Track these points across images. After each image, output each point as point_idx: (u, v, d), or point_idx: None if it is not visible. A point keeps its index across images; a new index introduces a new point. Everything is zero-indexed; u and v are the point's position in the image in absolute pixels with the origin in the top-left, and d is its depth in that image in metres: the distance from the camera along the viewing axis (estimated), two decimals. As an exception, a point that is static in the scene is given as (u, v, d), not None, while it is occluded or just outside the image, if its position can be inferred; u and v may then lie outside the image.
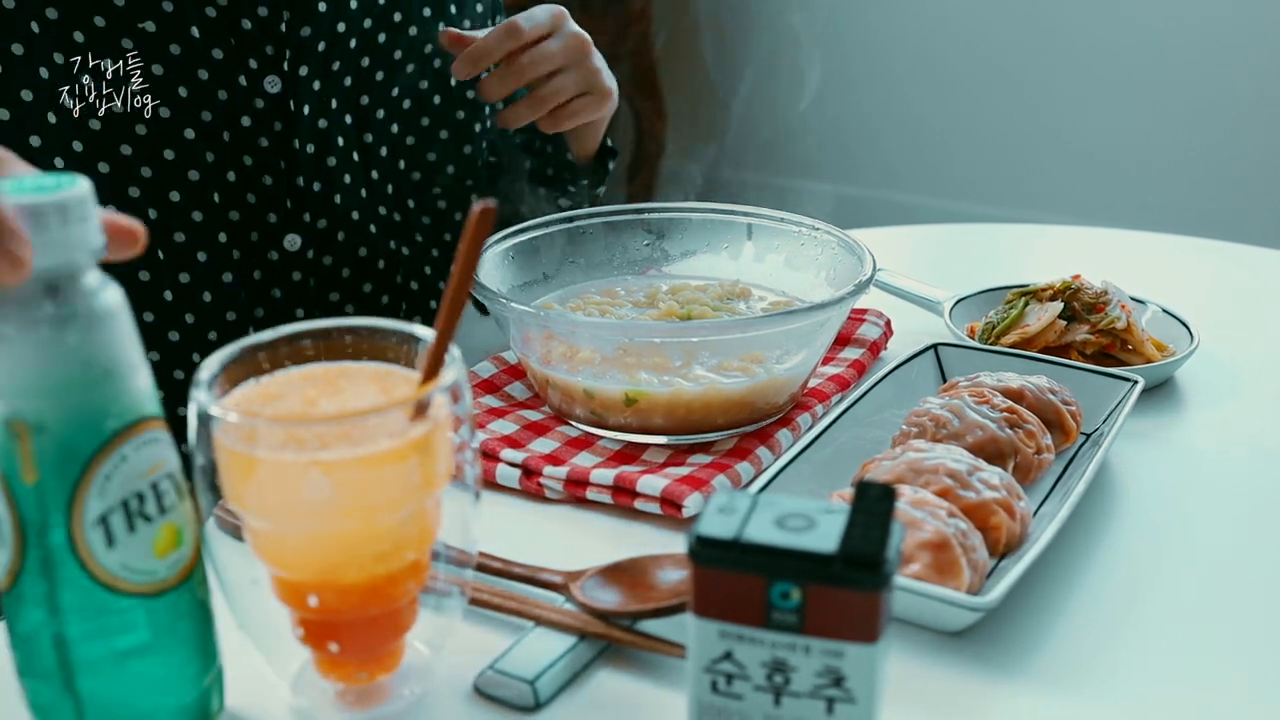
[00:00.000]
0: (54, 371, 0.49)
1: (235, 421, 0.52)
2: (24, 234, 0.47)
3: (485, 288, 0.81)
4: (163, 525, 0.52)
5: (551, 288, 0.95)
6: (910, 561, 0.63)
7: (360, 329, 0.58)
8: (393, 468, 0.53)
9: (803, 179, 3.19)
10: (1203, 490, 0.79)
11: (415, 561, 0.57)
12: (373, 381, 0.57)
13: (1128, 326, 0.92)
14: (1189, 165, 2.81)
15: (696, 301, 0.90)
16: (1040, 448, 0.76)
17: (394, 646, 0.59)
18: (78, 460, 0.50)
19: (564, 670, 0.60)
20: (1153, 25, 2.78)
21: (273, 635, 0.58)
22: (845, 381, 0.89)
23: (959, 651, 0.63)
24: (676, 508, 0.73)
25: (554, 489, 0.77)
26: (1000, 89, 2.98)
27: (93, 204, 0.50)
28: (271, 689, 0.60)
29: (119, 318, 0.51)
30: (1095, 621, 0.66)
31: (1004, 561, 0.68)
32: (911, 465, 0.70)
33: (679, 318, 0.88)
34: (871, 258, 0.86)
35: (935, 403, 0.77)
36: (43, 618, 0.51)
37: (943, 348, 0.88)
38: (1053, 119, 2.92)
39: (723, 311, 0.89)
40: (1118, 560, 0.71)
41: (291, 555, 0.55)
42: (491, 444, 0.79)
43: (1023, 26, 2.93)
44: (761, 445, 0.80)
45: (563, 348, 0.82)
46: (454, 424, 0.56)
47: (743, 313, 0.90)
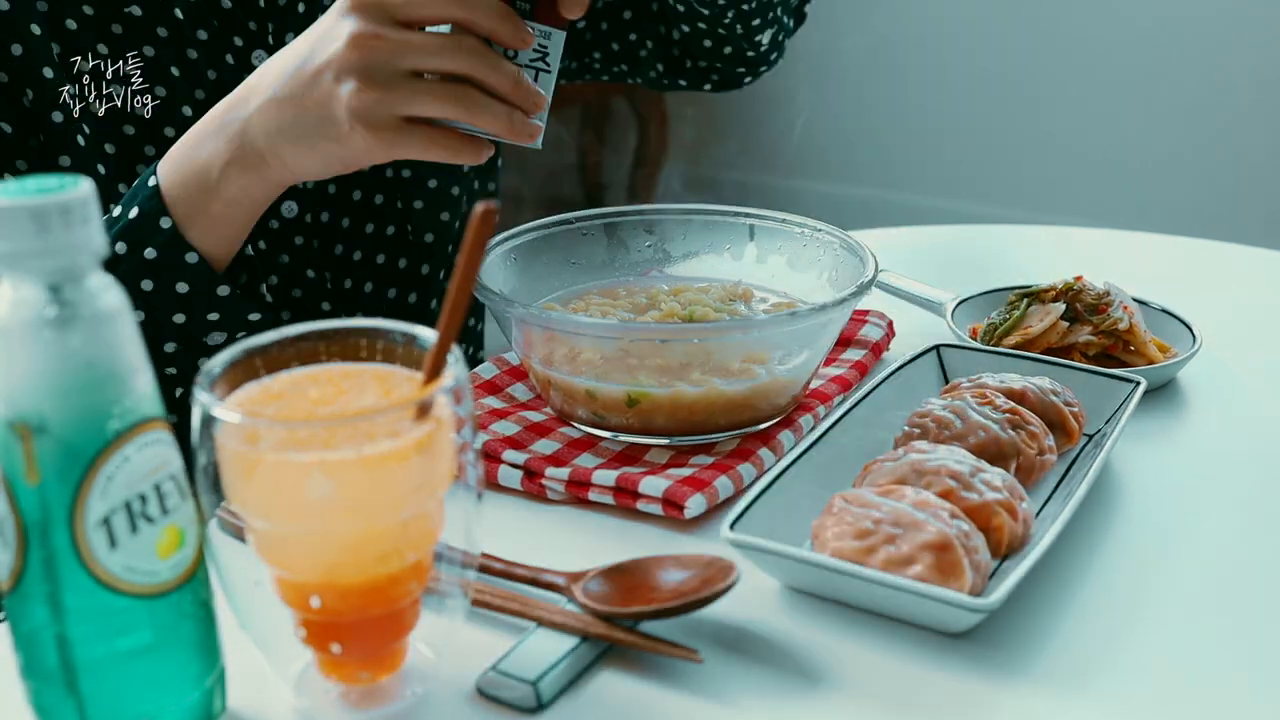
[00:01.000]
0: (57, 373, 0.49)
1: (238, 422, 0.52)
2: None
3: (487, 289, 0.81)
4: (165, 526, 0.53)
5: (553, 288, 0.95)
6: (912, 562, 0.63)
7: (362, 329, 0.58)
8: (395, 469, 0.53)
9: (805, 180, 3.19)
10: (1205, 491, 0.79)
11: (417, 562, 0.57)
12: (375, 382, 0.57)
13: (1130, 328, 0.92)
14: (1190, 165, 2.81)
15: (698, 303, 0.90)
16: (1043, 449, 0.76)
17: (396, 647, 0.59)
18: (80, 461, 0.50)
19: (566, 671, 0.60)
20: (1153, 25, 2.78)
21: (275, 636, 0.58)
22: (847, 383, 0.89)
23: (961, 653, 0.63)
24: (678, 509, 0.73)
25: (556, 490, 0.77)
26: (1002, 89, 2.98)
27: (95, 205, 0.50)
28: (273, 690, 0.60)
29: (122, 319, 0.51)
30: (1098, 623, 0.66)
31: (1006, 563, 0.68)
32: (914, 466, 0.70)
33: (681, 319, 0.88)
34: (874, 259, 0.86)
35: (937, 404, 0.77)
36: (45, 618, 0.51)
37: (945, 349, 0.88)
38: (1055, 119, 2.92)
39: (724, 313, 0.89)
40: (1120, 562, 0.71)
41: (294, 556, 0.55)
42: (493, 445, 0.79)
43: (1023, 27, 2.93)
44: (763, 446, 0.80)
45: (564, 349, 0.82)
46: (456, 425, 0.56)
47: (745, 314, 0.90)
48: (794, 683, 0.61)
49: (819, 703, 0.60)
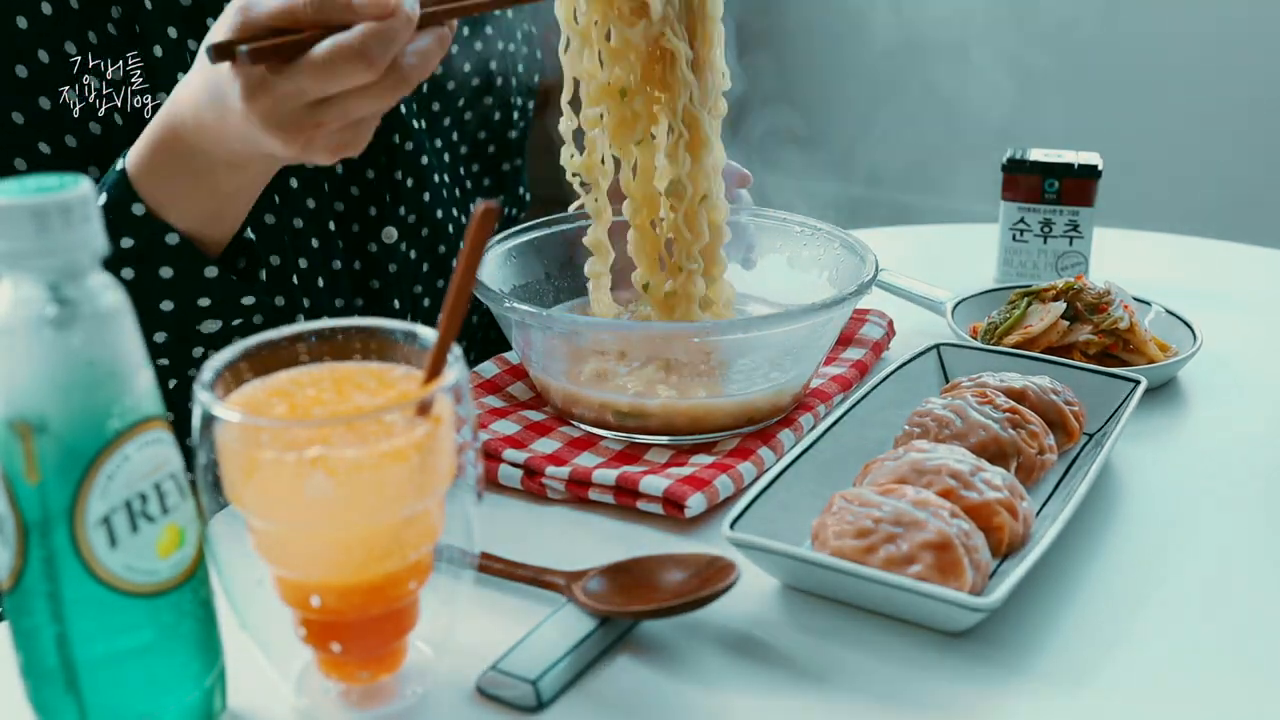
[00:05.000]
0: (57, 372, 0.49)
1: (238, 421, 0.52)
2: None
3: (487, 288, 0.81)
4: (165, 525, 0.52)
5: (553, 288, 0.95)
6: (913, 562, 0.63)
7: (363, 329, 0.58)
8: (395, 468, 0.53)
9: (804, 179, 3.19)
10: (1206, 491, 0.79)
11: (417, 562, 0.57)
12: (375, 381, 0.57)
13: (1130, 327, 0.92)
14: (1190, 165, 2.81)
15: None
16: (1043, 448, 0.76)
17: (396, 646, 0.59)
18: (81, 460, 0.50)
19: (566, 670, 0.60)
20: (1154, 26, 2.78)
21: (275, 635, 0.58)
22: (848, 382, 0.89)
23: (961, 652, 0.63)
24: (679, 508, 0.73)
25: (556, 489, 0.77)
26: (1003, 89, 2.98)
27: (95, 204, 0.50)
28: (274, 689, 0.60)
29: (122, 318, 0.51)
30: (1098, 622, 0.66)
31: (1006, 562, 0.68)
32: (914, 466, 0.70)
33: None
34: (874, 258, 0.86)
35: (938, 403, 0.77)
36: (45, 618, 0.51)
37: (945, 348, 0.88)
38: (1056, 119, 2.92)
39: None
40: (1120, 561, 0.71)
41: (294, 555, 0.55)
42: (494, 444, 0.79)
43: (1024, 27, 2.93)
44: (764, 445, 0.80)
45: (565, 348, 0.82)
46: (456, 424, 0.56)
47: (745, 315, 0.90)
48: (794, 683, 0.61)
49: (819, 703, 0.60)
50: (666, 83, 0.81)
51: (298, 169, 0.92)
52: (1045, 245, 1.12)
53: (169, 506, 0.53)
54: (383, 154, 0.95)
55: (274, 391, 0.56)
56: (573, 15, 0.81)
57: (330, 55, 0.64)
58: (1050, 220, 1.11)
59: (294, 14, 0.65)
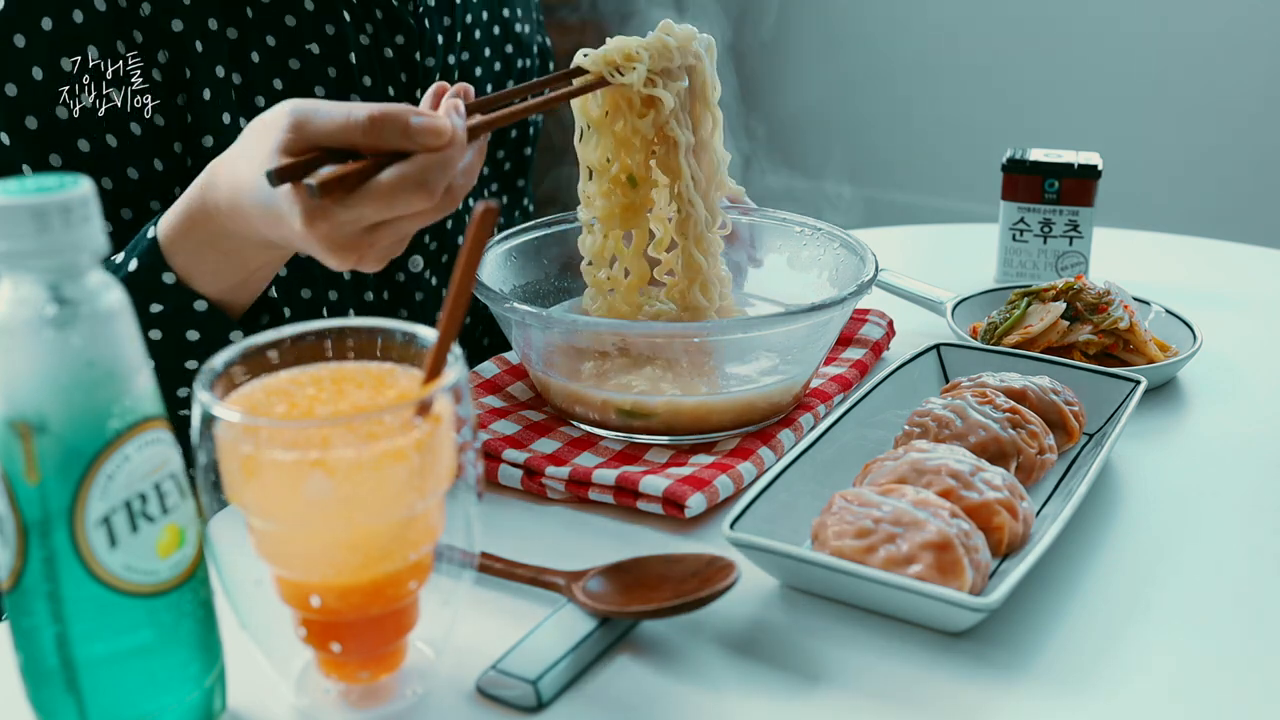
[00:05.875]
0: (57, 372, 0.49)
1: (238, 421, 0.52)
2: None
3: (487, 288, 0.81)
4: (165, 525, 0.53)
5: (552, 287, 0.95)
6: (913, 562, 0.63)
7: (363, 329, 0.58)
8: (395, 468, 0.53)
9: (805, 179, 3.19)
10: (1205, 490, 0.79)
11: (417, 562, 0.57)
12: (375, 381, 0.57)
13: (1130, 327, 0.92)
14: (1190, 165, 2.81)
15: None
16: (1043, 448, 0.76)
17: (396, 646, 0.59)
18: (81, 460, 0.50)
19: (566, 671, 0.60)
20: (1154, 26, 2.78)
21: (275, 635, 0.58)
22: (848, 382, 0.89)
23: (961, 652, 0.63)
24: (679, 508, 0.73)
25: (556, 489, 0.77)
26: (1003, 89, 2.98)
27: (95, 204, 0.50)
28: (274, 689, 0.60)
29: (121, 318, 0.51)
30: (1098, 622, 0.66)
31: (1006, 562, 0.68)
32: (914, 465, 0.70)
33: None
34: (874, 258, 0.86)
35: (938, 403, 0.77)
36: (45, 618, 0.51)
37: (945, 348, 0.88)
38: (1055, 119, 2.92)
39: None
40: (1120, 561, 0.71)
41: (294, 555, 0.55)
42: (494, 444, 0.79)
43: (1024, 27, 2.93)
44: (764, 445, 0.80)
45: (565, 347, 0.82)
46: (456, 424, 0.56)
47: (745, 315, 0.90)
48: (794, 683, 0.61)
49: (819, 702, 0.60)
50: (669, 167, 0.85)
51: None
52: (1045, 245, 1.12)
53: (169, 506, 0.53)
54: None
55: (274, 391, 0.56)
56: (587, 107, 0.85)
57: (392, 186, 0.65)
58: (1050, 220, 1.11)
59: (349, 140, 0.66)
